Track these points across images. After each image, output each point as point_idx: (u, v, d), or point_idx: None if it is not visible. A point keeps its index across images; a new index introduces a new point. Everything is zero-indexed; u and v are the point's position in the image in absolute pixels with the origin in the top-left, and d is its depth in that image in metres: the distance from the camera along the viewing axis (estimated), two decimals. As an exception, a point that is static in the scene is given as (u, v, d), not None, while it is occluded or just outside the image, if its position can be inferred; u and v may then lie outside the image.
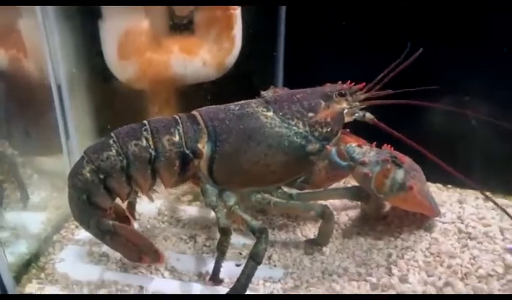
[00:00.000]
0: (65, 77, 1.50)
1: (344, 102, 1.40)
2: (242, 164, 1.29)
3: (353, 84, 1.45)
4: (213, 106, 1.38)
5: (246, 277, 1.19)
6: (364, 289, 1.25)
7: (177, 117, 1.31)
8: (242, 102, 1.39)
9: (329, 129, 1.34)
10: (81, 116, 1.64)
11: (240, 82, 1.85)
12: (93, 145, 1.27)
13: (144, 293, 1.29)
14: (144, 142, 1.24)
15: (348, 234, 1.47)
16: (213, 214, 1.34)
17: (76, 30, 1.53)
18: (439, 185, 1.73)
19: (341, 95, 1.39)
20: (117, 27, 1.51)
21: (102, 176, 1.23)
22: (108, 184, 1.25)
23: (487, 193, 1.62)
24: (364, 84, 1.43)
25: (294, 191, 1.40)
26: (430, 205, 1.37)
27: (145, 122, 1.29)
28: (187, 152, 1.27)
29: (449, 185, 1.74)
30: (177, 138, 1.26)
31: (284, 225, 1.55)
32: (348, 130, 1.56)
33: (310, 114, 1.33)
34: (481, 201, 1.56)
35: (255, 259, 1.18)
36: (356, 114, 1.42)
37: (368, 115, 1.42)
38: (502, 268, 1.24)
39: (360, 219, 1.54)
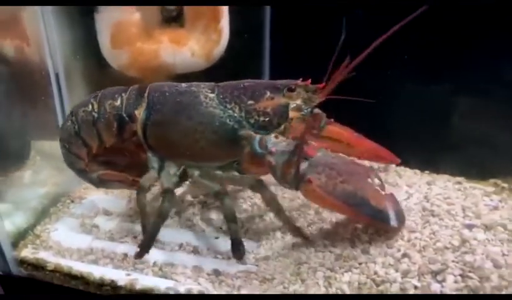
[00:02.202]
0: (62, 66, 1.65)
1: (293, 97, 1.39)
2: (172, 134, 1.39)
3: (309, 81, 1.43)
4: (169, 82, 1.49)
5: (149, 233, 1.38)
6: (329, 260, 1.34)
7: (129, 87, 1.49)
8: (196, 82, 1.47)
9: (267, 119, 1.36)
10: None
11: (228, 72, 1.97)
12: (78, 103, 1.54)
13: (128, 260, 1.42)
14: (90, 107, 1.48)
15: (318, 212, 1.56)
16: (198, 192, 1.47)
17: (74, 22, 1.67)
18: (417, 170, 1.83)
19: (290, 90, 1.39)
20: (110, 19, 1.65)
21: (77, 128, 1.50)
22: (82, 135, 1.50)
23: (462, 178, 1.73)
24: (323, 84, 1.40)
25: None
26: (345, 205, 1.25)
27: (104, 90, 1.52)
28: (124, 115, 1.44)
29: (427, 171, 1.83)
30: (118, 103, 1.45)
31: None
32: (332, 119, 1.65)
33: (250, 102, 1.36)
34: (450, 184, 1.63)
35: (159, 215, 1.35)
36: (304, 111, 1.40)
37: (317, 111, 1.46)
38: (459, 241, 1.31)
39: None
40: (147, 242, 1.39)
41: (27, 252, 1.44)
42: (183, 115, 1.38)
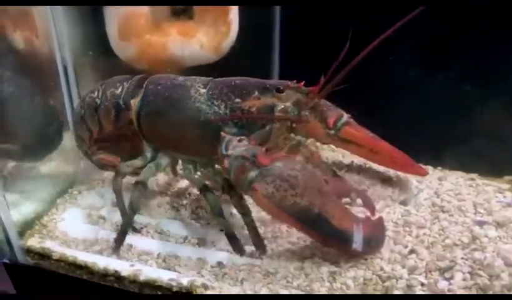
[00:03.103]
0: (71, 58, 1.66)
1: (282, 99, 1.34)
2: (160, 125, 1.42)
3: (302, 83, 1.38)
4: (169, 75, 1.51)
5: (122, 226, 1.43)
6: (334, 255, 1.31)
7: (132, 77, 1.53)
8: (194, 77, 1.47)
9: (250, 119, 1.34)
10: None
11: (237, 65, 1.96)
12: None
13: (133, 251, 1.42)
14: (95, 94, 1.54)
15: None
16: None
17: (82, 14, 1.68)
18: (429, 166, 1.78)
19: (279, 91, 1.34)
20: (118, 11, 1.65)
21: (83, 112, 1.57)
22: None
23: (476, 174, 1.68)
24: (317, 88, 1.35)
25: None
26: (292, 219, 1.19)
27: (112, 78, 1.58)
28: (121, 103, 1.49)
29: (439, 168, 1.78)
30: (118, 91, 1.50)
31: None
32: (351, 119, 1.57)
33: (237, 100, 1.33)
34: (462, 180, 1.59)
35: (130, 206, 1.40)
36: (292, 113, 1.35)
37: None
38: (469, 238, 1.27)
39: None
40: (120, 236, 1.42)
41: (33, 242, 1.45)
42: (172, 108, 1.39)
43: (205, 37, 1.78)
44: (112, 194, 1.66)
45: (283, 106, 1.33)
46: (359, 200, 1.30)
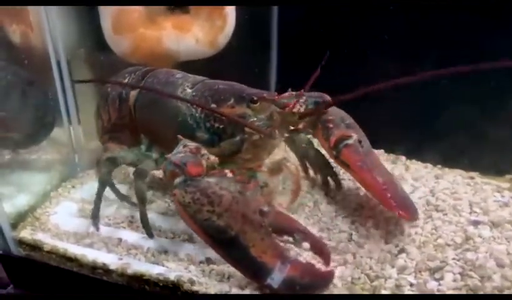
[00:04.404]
0: (65, 52, 1.66)
1: (256, 110, 1.29)
2: (148, 119, 1.47)
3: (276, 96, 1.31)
4: (169, 70, 1.53)
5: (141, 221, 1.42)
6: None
7: (140, 69, 1.57)
8: (192, 76, 1.47)
9: (221, 127, 1.31)
10: (82, 91, 1.79)
11: (234, 60, 1.94)
12: None
13: (122, 245, 1.42)
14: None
15: (319, 203, 1.51)
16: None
17: (76, 8, 1.68)
18: (428, 164, 1.74)
19: (253, 101, 1.29)
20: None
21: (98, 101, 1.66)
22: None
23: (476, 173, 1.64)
24: (293, 104, 1.29)
25: None
26: (205, 236, 1.16)
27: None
28: (123, 94, 1.53)
29: (439, 166, 1.74)
30: (125, 81, 1.56)
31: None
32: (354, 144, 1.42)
33: (213, 105, 1.31)
34: (460, 178, 1.55)
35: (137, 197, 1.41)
36: (264, 126, 1.29)
37: (271, 129, 1.29)
38: (462, 239, 1.24)
39: (334, 190, 1.58)
40: (145, 228, 1.42)
41: (25, 233, 1.46)
42: (158, 104, 1.42)
43: (201, 32, 1.76)
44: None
45: (254, 119, 1.28)
46: (306, 244, 1.19)
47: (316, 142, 1.59)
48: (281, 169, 1.45)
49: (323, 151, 1.55)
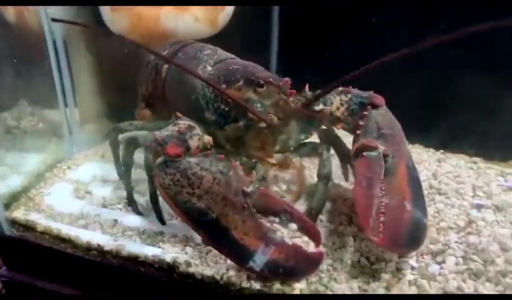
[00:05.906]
0: (60, 33, 1.61)
1: (262, 95, 1.24)
2: (172, 95, 1.50)
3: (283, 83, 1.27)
4: (204, 45, 1.55)
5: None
6: (323, 236, 1.26)
7: (179, 42, 1.60)
8: (217, 52, 1.44)
9: (226, 109, 1.27)
10: (79, 71, 1.75)
11: (235, 40, 1.90)
12: None
13: (118, 226, 1.39)
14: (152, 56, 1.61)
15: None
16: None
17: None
18: (431, 149, 1.71)
19: (259, 85, 1.24)
20: (108, -20, 1.59)
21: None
22: None
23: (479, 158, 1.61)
24: (293, 92, 1.26)
25: None
26: (185, 217, 1.15)
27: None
28: (158, 66, 1.56)
29: (442, 150, 1.71)
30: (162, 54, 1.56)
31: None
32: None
33: (223, 86, 1.25)
34: (463, 162, 1.52)
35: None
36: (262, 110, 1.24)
37: (270, 115, 1.24)
38: (465, 222, 1.21)
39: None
40: (156, 211, 1.38)
41: (18, 214, 1.43)
42: (179, 81, 1.40)
43: (200, 10, 1.71)
44: (101, 169, 1.64)
45: (258, 104, 1.23)
46: (293, 225, 1.13)
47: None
48: (287, 164, 1.36)
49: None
